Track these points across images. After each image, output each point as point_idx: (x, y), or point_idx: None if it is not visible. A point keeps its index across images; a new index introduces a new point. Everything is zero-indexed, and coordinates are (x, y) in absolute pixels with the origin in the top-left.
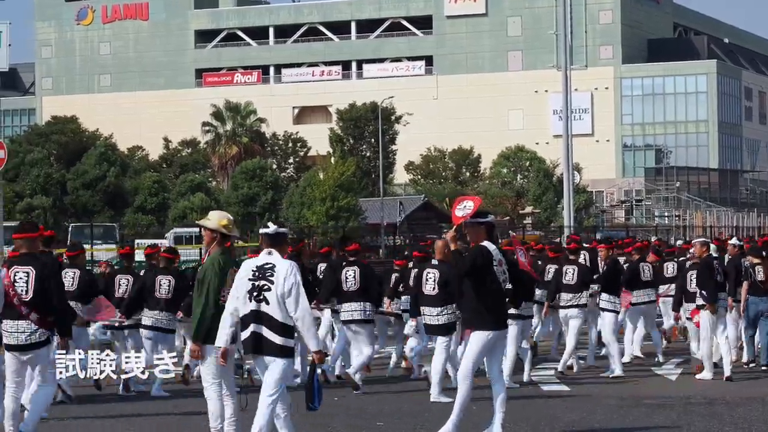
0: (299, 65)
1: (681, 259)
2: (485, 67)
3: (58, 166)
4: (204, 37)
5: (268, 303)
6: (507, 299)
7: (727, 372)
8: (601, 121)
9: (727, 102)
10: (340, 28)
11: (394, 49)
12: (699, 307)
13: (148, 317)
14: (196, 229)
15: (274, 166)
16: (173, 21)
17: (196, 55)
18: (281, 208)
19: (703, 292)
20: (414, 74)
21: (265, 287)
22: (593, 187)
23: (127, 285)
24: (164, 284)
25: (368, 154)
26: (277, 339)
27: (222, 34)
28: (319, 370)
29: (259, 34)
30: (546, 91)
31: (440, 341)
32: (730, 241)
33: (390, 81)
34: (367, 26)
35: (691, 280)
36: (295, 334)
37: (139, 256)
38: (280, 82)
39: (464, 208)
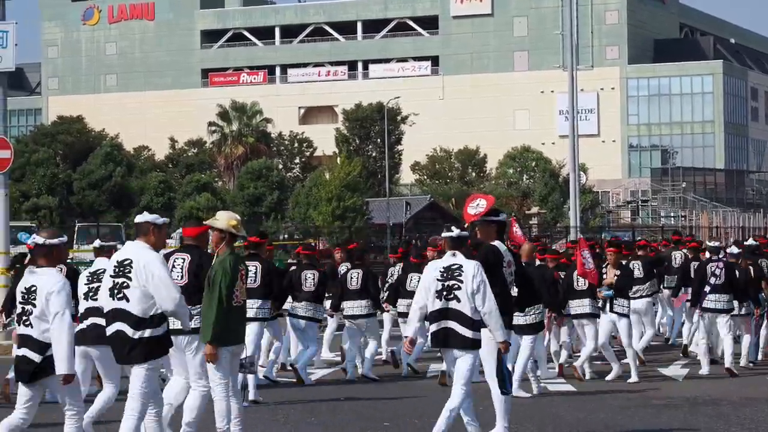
0: (305, 65)
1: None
2: (491, 68)
3: (64, 166)
4: (210, 37)
5: (458, 300)
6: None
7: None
8: (607, 122)
9: (733, 102)
10: (346, 28)
11: (400, 49)
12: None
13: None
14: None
15: (280, 167)
16: (179, 21)
17: (202, 55)
18: (287, 208)
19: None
20: (420, 74)
21: (455, 286)
22: (599, 188)
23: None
24: (309, 278)
25: (374, 155)
26: (467, 333)
27: (228, 34)
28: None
29: (265, 34)
30: (552, 91)
31: (526, 339)
32: (745, 243)
33: (396, 81)
34: (373, 26)
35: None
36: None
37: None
38: (286, 82)
39: (477, 207)
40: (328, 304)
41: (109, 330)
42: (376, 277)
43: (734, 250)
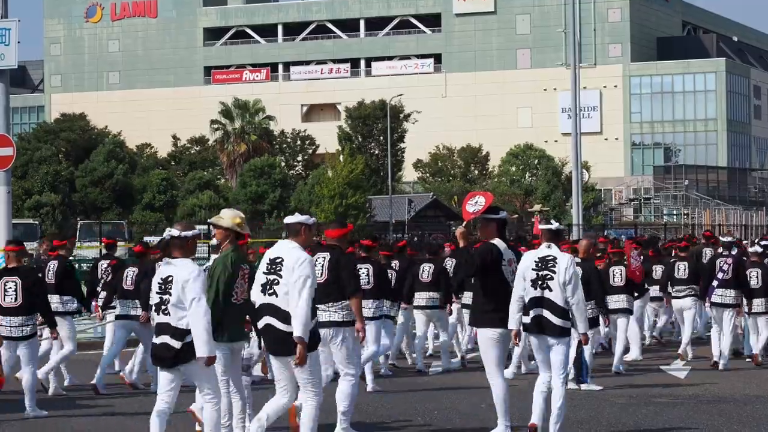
0: (308, 63)
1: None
2: (494, 65)
3: (66, 163)
4: (213, 34)
5: (551, 290)
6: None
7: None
8: (610, 119)
9: (736, 100)
10: (348, 25)
11: (402, 46)
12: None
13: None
14: (204, 227)
15: (283, 164)
16: (182, 18)
17: (205, 52)
18: (289, 206)
19: None
20: (423, 72)
21: (549, 276)
22: (602, 185)
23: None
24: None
25: (377, 152)
26: (558, 321)
27: (231, 32)
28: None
29: (267, 31)
30: (554, 89)
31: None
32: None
33: (399, 79)
34: (375, 24)
35: (751, 277)
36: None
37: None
38: (289, 79)
39: (475, 204)
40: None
41: (260, 323)
42: (447, 271)
43: (757, 249)
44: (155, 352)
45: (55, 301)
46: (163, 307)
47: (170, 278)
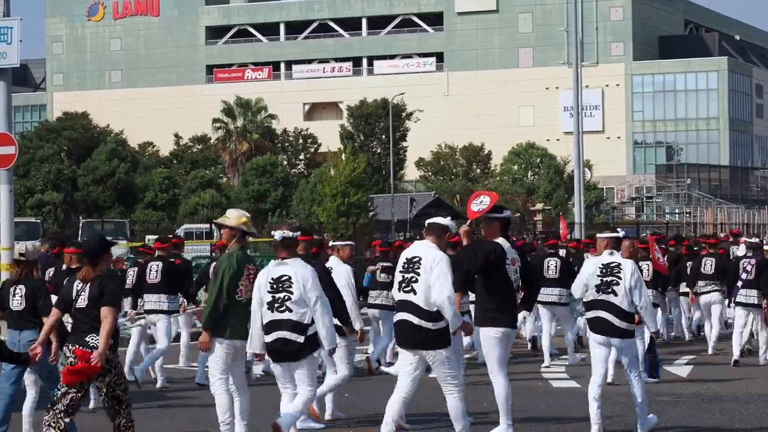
0: (310, 61)
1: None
2: (496, 64)
3: (68, 162)
4: (215, 33)
5: (616, 294)
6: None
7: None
8: (612, 118)
9: (738, 99)
10: (350, 24)
11: (404, 45)
12: None
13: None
14: (207, 225)
15: (285, 163)
16: (184, 17)
17: (207, 51)
18: (291, 205)
19: None
20: (425, 71)
21: (614, 282)
22: (604, 184)
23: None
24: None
25: (379, 151)
26: (621, 324)
27: (233, 31)
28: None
29: (269, 30)
30: (557, 87)
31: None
32: None
33: (401, 77)
34: (377, 22)
35: None
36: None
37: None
38: (291, 78)
39: (480, 203)
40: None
41: (396, 317)
42: None
43: None
44: (274, 347)
45: (156, 300)
46: (277, 305)
47: (285, 277)
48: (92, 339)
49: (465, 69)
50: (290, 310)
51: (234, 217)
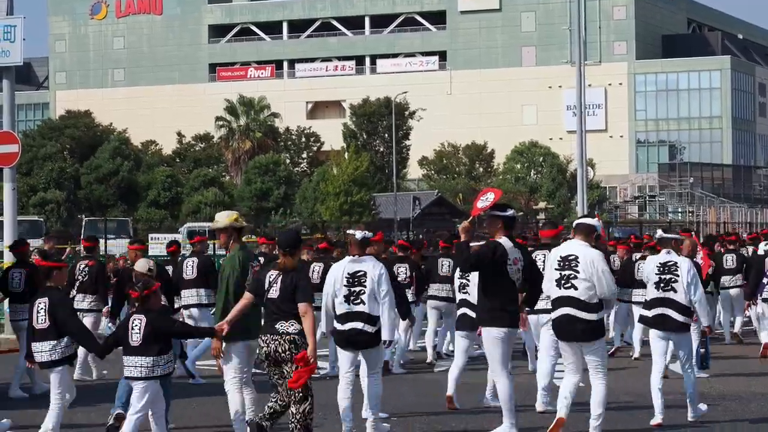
0: (313, 60)
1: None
2: (499, 63)
3: (71, 160)
4: (218, 31)
5: (675, 291)
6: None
7: None
8: (615, 117)
9: (741, 98)
10: (353, 23)
11: (407, 44)
12: None
13: None
14: (209, 224)
15: (288, 161)
16: (187, 16)
17: (210, 49)
18: (294, 203)
19: None
20: (428, 69)
21: (673, 279)
22: (606, 183)
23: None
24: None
25: (381, 150)
26: (681, 318)
27: (236, 29)
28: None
29: (272, 28)
30: (559, 86)
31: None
32: None
33: (404, 76)
34: (380, 21)
35: None
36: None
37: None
38: (294, 77)
39: (485, 200)
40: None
41: (558, 313)
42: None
43: None
44: (346, 337)
45: (195, 294)
46: (352, 297)
47: (360, 273)
48: (281, 326)
49: (468, 68)
50: (364, 303)
51: (223, 218)
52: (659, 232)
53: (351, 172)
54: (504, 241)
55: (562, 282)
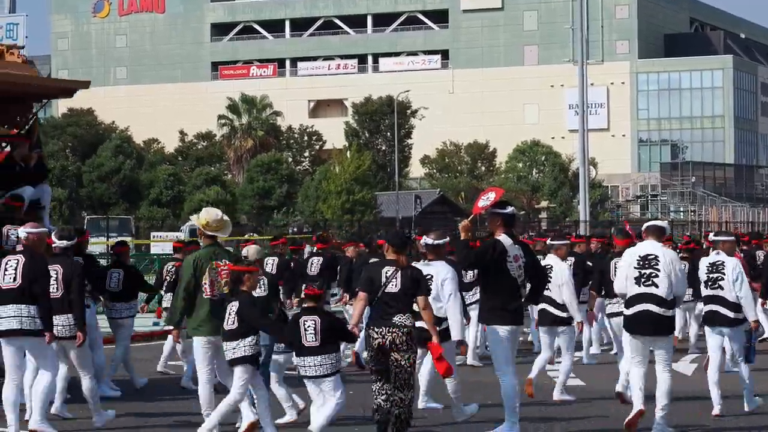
0: (315, 59)
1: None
2: (501, 62)
3: (73, 158)
4: (220, 30)
5: (722, 288)
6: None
7: None
8: (617, 116)
9: (743, 97)
10: (356, 21)
11: (410, 42)
12: None
13: None
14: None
15: (290, 160)
16: (189, 14)
17: (212, 48)
18: (296, 202)
19: None
20: (430, 68)
21: (720, 278)
22: (608, 182)
23: None
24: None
25: (384, 148)
26: (731, 314)
27: (238, 27)
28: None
29: (275, 27)
30: (562, 85)
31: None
32: None
33: (406, 75)
34: (383, 20)
35: None
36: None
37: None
38: (296, 75)
39: (486, 199)
40: None
41: (638, 308)
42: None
43: None
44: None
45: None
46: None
47: (430, 276)
48: (398, 319)
49: (470, 66)
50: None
51: (201, 216)
52: (711, 236)
53: (353, 170)
54: (503, 238)
55: (642, 280)
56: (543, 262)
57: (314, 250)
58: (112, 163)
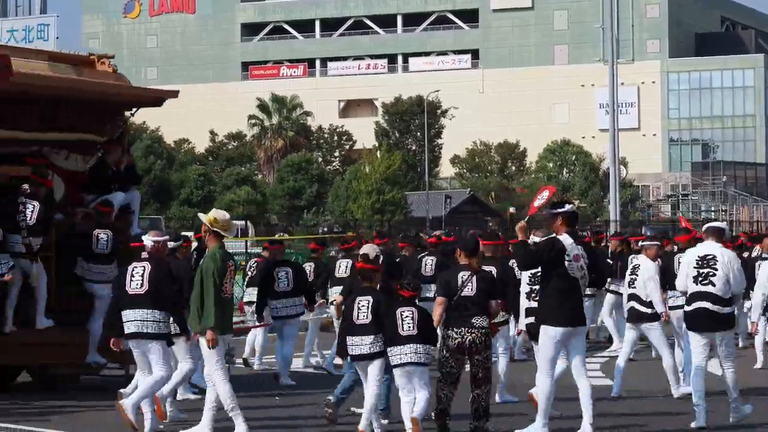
0: (345, 59)
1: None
2: (531, 61)
3: None
4: (250, 30)
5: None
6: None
7: None
8: (648, 116)
9: None
10: (386, 21)
11: (440, 42)
12: None
13: None
14: (242, 223)
15: (320, 160)
16: (220, 14)
17: (243, 48)
18: (326, 202)
19: None
20: (460, 68)
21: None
22: (639, 182)
23: None
24: None
25: (414, 148)
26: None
27: (268, 28)
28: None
29: (305, 27)
30: (592, 84)
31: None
32: None
33: (436, 74)
34: (413, 20)
35: None
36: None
37: None
38: (326, 75)
39: (541, 199)
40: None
41: (695, 306)
42: None
43: None
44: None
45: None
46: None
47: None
48: (477, 321)
49: (500, 66)
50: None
51: (210, 214)
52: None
53: (383, 170)
54: (564, 237)
55: (700, 279)
56: (634, 262)
57: (428, 251)
58: (143, 164)
